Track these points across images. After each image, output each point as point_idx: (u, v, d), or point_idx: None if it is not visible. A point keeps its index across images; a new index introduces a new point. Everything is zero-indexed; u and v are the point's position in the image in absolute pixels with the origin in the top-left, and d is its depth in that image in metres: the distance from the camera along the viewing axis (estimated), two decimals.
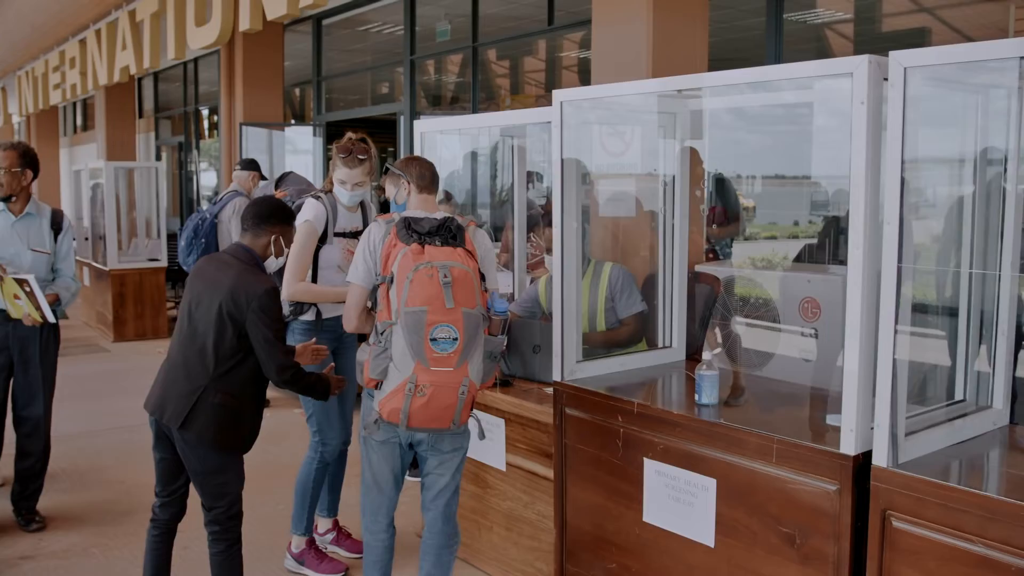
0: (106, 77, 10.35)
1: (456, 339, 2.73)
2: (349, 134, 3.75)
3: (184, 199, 15.09)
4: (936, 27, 6.62)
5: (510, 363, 3.81)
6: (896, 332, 2.30)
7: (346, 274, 3.83)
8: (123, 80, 10.66)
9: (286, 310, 3.76)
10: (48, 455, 4.45)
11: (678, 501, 2.90)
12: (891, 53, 2.25)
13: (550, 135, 3.16)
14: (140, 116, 16.44)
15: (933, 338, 2.82)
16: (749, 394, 3.27)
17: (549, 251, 4.77)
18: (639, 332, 3.89)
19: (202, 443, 3.02)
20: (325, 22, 10.55)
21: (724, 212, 5.76)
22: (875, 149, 2.34)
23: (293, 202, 3.85)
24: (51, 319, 4.17)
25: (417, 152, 4.09)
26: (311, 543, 3.90)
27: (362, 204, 3.89)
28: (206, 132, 14.60)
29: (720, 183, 5.17)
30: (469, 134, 4.60)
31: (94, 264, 10.13)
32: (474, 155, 7.10)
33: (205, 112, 14.45)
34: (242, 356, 3.04)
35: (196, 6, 7.48)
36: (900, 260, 2.28)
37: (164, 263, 9.84)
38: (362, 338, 4.28)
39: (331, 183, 3.79)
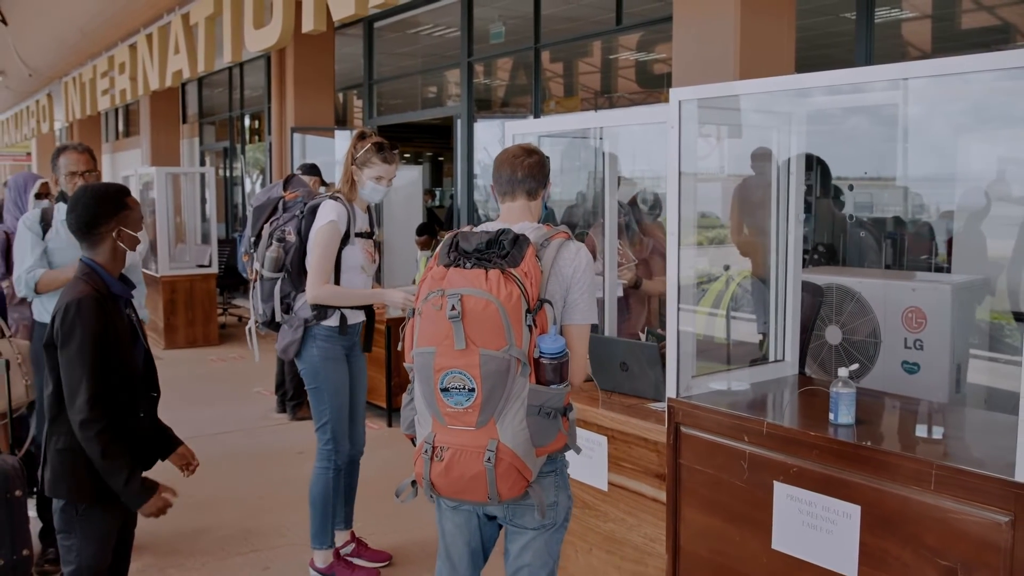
0: (157, 82, 10.28)
1: (473, 390, 2.18)
2: (363, 130, 3.80)
3: (229, 204, 15.05)
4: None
5: (599, 379, 3.58)
6: None
7: (368, 276, 3.80)
8: (175, 84, 10.59)
9: (308, 314, 3.64)
10: None
11: (814, 528, 2.69)
12: None
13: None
14: (184, 121, 16.44)
15: None
16: (870, 411, 3.05)
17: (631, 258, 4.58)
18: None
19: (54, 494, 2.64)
20: (376, 24, 10.42)
21: None
22: None
23: (306, 203, 3.78)
24: None
25: None
26: (337, 554, 3.79)
27: (369, 206, 3.88)
28: (246, 137, 14.54)
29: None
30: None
31: (144, 271, 10.07)
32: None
33: (247, 118, 14.40)
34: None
35: (255, 7, 7.35)
36: None
37: (215, 269, 9.74)
38: (368, 345, 4.09)
39: (347, 184, 3.74)
